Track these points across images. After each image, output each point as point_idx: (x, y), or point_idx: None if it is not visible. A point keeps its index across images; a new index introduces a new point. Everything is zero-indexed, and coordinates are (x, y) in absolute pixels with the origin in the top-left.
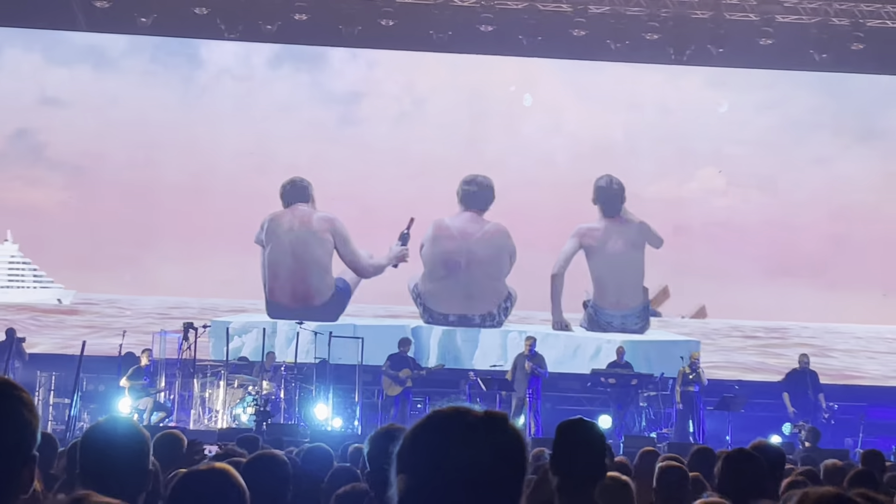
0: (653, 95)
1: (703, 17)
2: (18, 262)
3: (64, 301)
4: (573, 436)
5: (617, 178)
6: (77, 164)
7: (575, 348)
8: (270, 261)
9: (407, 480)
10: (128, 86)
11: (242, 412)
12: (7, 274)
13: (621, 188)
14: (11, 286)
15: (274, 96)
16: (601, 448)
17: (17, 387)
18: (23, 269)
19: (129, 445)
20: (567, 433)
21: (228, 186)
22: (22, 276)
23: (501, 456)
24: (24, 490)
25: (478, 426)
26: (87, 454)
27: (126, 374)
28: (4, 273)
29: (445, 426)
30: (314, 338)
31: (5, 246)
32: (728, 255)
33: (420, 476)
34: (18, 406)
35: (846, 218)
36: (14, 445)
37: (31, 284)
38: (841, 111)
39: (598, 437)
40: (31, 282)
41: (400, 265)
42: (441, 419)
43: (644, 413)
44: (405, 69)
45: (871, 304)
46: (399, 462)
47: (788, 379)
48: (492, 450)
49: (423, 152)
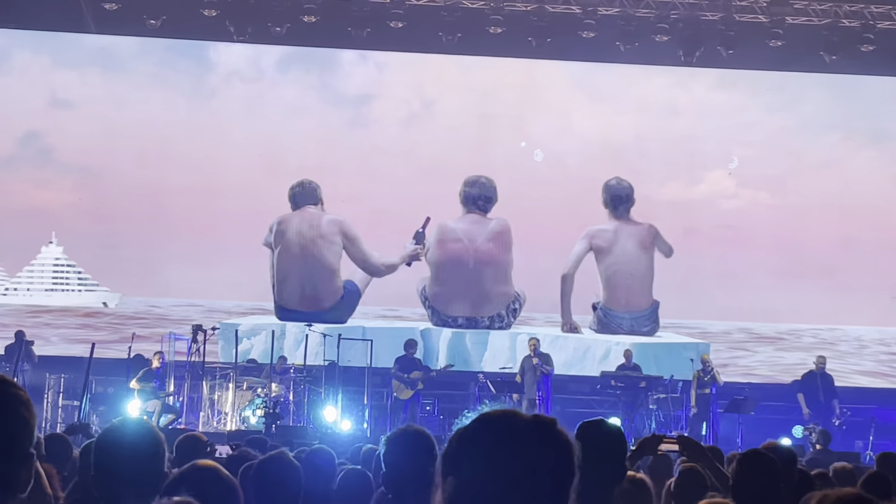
0: (662, 97)
1: (712, 19)
2: (63, 265)
3: (110, 304)
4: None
5: (626, 180)
6: (86, 166)
7: (584, 351)
8: (279, 263)
9: (455, 483)
10: (137, 88)
11: (251, 414)
12: (52, 277)
13: (631, 189)
14: (56, 289)
15: (283, 98)
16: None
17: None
18: (68, 272)
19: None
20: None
21: (238, 188)
22: (67, 279)
23: (551, 460)
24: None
25: (528, 430)
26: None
27: (136, 377)
28: (49, 276)
29: (495, 429)
30: (323, 340)
31: (49, 248)
32: (737, 258)
33: (469, 479)
34: (16, 404)
35: (856, 220)
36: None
37: (76, 288)
38: (851, 113)
39: (618, 438)
40: (77, 285)
41: (414, 265)
42: (491, 422)
43: (654, 415)
44: (414, 71)
45: (881, 306)
46: (446, 464)
47: (804, 381)
48: (542, 454)
49: (432, 154)
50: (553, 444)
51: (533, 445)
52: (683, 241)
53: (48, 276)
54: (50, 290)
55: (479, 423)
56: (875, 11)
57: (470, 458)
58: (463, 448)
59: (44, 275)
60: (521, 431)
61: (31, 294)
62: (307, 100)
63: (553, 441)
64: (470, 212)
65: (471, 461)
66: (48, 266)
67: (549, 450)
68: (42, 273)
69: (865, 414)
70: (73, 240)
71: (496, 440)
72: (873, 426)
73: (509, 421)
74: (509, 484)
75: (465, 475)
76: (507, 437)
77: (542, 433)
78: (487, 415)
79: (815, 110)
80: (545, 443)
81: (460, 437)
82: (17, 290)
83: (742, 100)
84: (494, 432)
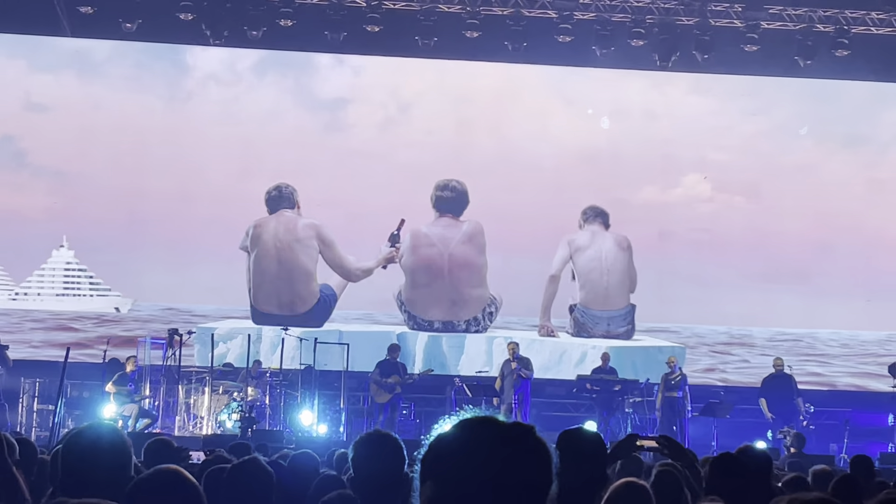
0: (638, 101)
1: (688, 24)
2: (74, 270)
3: (122, 309)
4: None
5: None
6: (61, 169)
7: (561, 354)
8: (255, 267)
9: (434, 487)
10: (112, 91)
11: (227, 418)
12: (63, 281)
13: (607, 214)
14: (67, 294)
15: (259, 102)
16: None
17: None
18: (79, 277)
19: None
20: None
21: (214, 192)
22: (78, 283)
23: (529, 466)
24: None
25: (506, 436)
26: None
27: (111, 380)
28: (60, 281)
29: (474, 434)
30: (299, 344)
31: (61, 252)
32: (712, 262)
33: (447, 484)
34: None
35: (830, 224)
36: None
37: (87, 292)
38: (825, 118)
39: (599, 445)
40: (88, 289)
41: (389, 268)
42: (470, 427)
43: (629, 419)
44: (391, 75)
45: (855, 310)
46: (425, 469)
47: (765, 385)
48: (520, 460)
49: (408, 158)
50: (531, 450)
51: (511, 451)
52: (659, 244)
53: (59, 281)
54: (61, 295)
55: (458, 428)
56: (849, 16)
57: (449, 463)
58: (442, 453)
59: (55, 279)
60: (499, 437)
61: (42, 299)
62: (283, 103)
63: (531, 448)
64: (442, 216)
65: (450, 466)
66: (59, 270)
67: (527, 456)
68: (53, 277)
69: (840, 417)
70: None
71: (475, 445)
72: (847, 429)
73: (488, 426)
74: (487, 489)
75: (443, 480)
76: (485, 442)
77: (520, 439)
78: (467, 420)
79: (790, 114)
80: (523, 449)
81: (440, 442)
82: (27, 295)
83: (717, 104)
84: (473, 437)
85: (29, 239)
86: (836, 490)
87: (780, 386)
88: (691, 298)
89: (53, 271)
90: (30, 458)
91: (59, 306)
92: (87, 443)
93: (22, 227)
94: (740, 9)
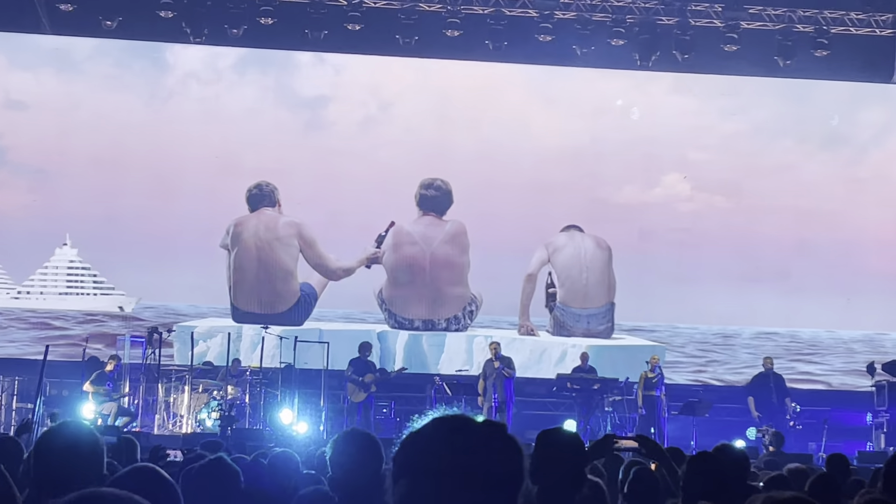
0: (618, 101)
1: (668, 24)
2: (78, 268)
3: (126, 308)
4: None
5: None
6: (41, 167)
7: (541, 353)
8: (236, 265)
9: (407, 485)
10: (93, 89)
11: (207, 417)
12: (66, 280)
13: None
14: (70, 293)
15: (240, 100)
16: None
17: None
18: (82, 276)
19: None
20: (546, 442)
21: (194, 190)
22: (81, 282)
23: (501, 464)
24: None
25: (478, 433)
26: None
27: (90, 379)
28: (63, 279)
29: (447, 432)
30: (279, 342)
31: (64, 250)
32: (692, 261)
33: (420, 481)
34: None
35: (810, 224)
36: None
37: (91, 291)
38: (805, 118)
39: (578, 445)
40: (92, 288)
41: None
42: (442, 425)
43: (609, 418)
44: (371, 73)
45: (835, 309)
46: (398, 467)
47: (753, 383)
48: (492, 458)
49: (389, 156)
50: (503, 448)
51: (483, 449)
52: (639, 244)
53: (62, 280)
54: (64, 294)
55: (430, 426)
56: (829, 17)
57: (421, 461)
58: (415, 451)
59: (57, 278)
60: (471, 435)
61: (45, 298)
62: (264, 102)
63: (503, 445)
64: (425, 214)
65: (422, 464)
66: (62, 269)
67: (498, 454)
68: (56, 276)
69: (819, 416)
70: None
71: (447, 443)
72: (826, 428)
73: (460, 424)
74: (460, 486)
75: (416, 477)
76: (458, 440)
77: (492, 437)
78: (439, 418)
79: (770, 114)
80: (495, 447)
81: (412, 440)
82: (29, 294)
83: (697, 104)
84: (446, 435)
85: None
86: (813, 489)
87: (769, 385)
88: (671, 297)
89: (56, 269)
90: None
91: (62, 305)
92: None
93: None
94: (720, 9)
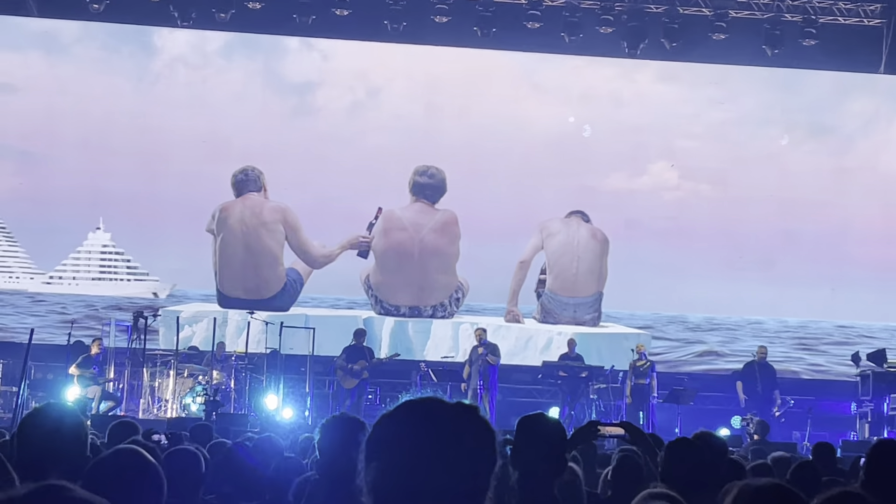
0: (606, 89)
1: (657, 12)
2: (111, 253)
3: (160, 294)
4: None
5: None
6: (28, 150)
7: (527, 340)
8: (221, 251)
9: (378, 467)
10: (80, 73)
11: (192, 402)
12: (99, 265)
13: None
14: (104, 278)
15: (227, 85)
16: (561, 443)
17: None
18: (116, 261)
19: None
20: (527, 428)
21: (181, 174)
22: (115, 267)
23: (472, 445)
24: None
25: (449, 415)
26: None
27: (75, 363)
28: (96, 264)
29: (418, 415)
30: (265, 328)
31: (97, 235)
32: (678, 249)
33: (391, 464)
34: None
35: (796, 213)
36: None
37: (124, 277)
38: (792, 107)
39: (559, 431)
40: (125, 274)
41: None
42: (413, 408)
43: (594, 405)
44: (359, 59)
45: (819, 298)
46: (370, 450)
47: (745, 370)
48: (463, 440)
49: (377, 142)
50: (474, 430)
51: (454, 431)
52: (625, 232)
53: (95, 265)
54: (97, 279)
55: (401, 409)
56: (817, 6)
57: (393, 444)
58: (386, 434)
59: (90, 263)
60: (442, 417)
61: (78, 283)
62: (251, 86)
63: (474, 427)
64: (417, 200)
65: (394, 447)
66: (95, 253)
67: (470, 436)
68: (89, 261)
69: (804, 405)
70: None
71: (418, 426)
72: (810, 417)
73: (431, 407)
74: (431, 469)
75: (387, 460)
76: (429, 422)
77: (463, 419)
78: (410, 401)
79: (757, 103)
80: (466, 429)
81: (384, 423)
82: (62, 279)
83: (685, 92)
84: (417, 418)
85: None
86: (795, 476)
87: (759, 374)
88: (657, 286)
89: (89, 254)
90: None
91: (95, 290)
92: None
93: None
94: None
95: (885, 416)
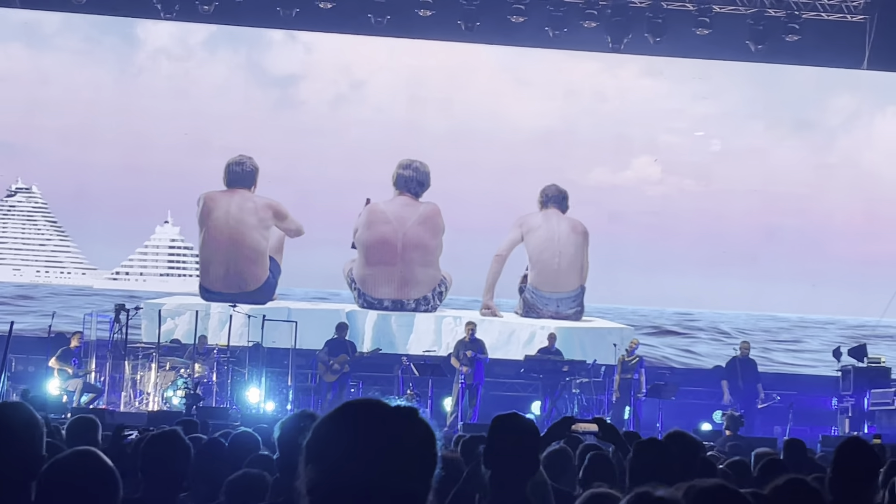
0: (590, 83)
1: (640, 6)
2: (180, 248)
3: None
4: (506, 430)
5: (562, 187)
6: (8, 142)
7: (509, 334)
8: (205, 245)
9: (316, 469)
10: (62, 64)
11: (174, 395)
12: (167, 260)
13: (566, 193)
14: (172, 274)
15: (210, 77)
16: (534, 442)
17: None
18: (185, 256)
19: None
20: (500, 427)
21: (163, 167)
22: (184, 263)
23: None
24: None
25: (388, 418)
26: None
27: (55, 355)
28: (164, 259)
29: (355, 418)
30: (247, 321)
31: (165, 228)
32: (661, 244)
33: (329, 467)
34: None
35: (778, 209)
36: None
37: (193, 272)
38: (775, 102)
39: (532, 432)
40: (195, 269)
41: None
42: (351, 411)
43: (576, 400)
44: (343, 52)
45: (801, 294)
46: (308, 452)
47: (729, 367)
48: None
49: (360, 135)
50: (413, 432)
51: (393, 433)
52: (608, 227)
53: (163, 260)
54: (165, 275)
55: (339, 411)
56: (800, 2)
57: (331, 446)
58: (324, 436)
59: (158, 258)
60: (379, 420)
61: (145, 279)
62: (234, 79)
63: (413, 429)
64: (401, 194)
65: (331, 448)
66: (163, 248)
67: (408, 438)
68: (157, 256)
69: (784, 400)
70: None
71: (354, 428)
72: (791, 412)
73: (371, 409)
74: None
75: (325, 462)
76: (367, 424)
77: (402, 421)
78: (349, 403)
79: (740, 99)
80: (405, 431)
81: (322, 426)
82: (128, 275)
83: (668, 87)
84: (353, 420)
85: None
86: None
87: (742, 369)
88: (639, 281)
89: (157, 249)
90: None
91: (163, 286)
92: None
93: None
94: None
95: (865, 411)
